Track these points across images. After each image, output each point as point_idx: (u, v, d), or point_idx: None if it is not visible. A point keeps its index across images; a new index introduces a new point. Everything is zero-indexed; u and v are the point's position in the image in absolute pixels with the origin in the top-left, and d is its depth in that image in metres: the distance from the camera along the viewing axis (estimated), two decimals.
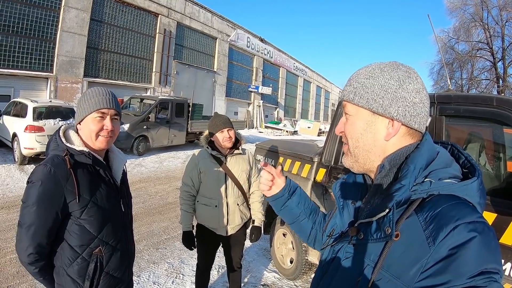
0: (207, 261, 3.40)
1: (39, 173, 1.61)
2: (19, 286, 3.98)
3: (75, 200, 1.64)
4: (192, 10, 25.86)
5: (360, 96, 1.00)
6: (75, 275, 1.71)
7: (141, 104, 15.21)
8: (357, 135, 1.03)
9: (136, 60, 21.86)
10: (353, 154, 1.06)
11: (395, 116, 0.97)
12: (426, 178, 0.91)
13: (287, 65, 41.70)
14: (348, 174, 1.21)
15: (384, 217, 0.91)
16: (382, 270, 0.88)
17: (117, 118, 1.85)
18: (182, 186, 3.25)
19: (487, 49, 26.46)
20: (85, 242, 1.72)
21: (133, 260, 2.11)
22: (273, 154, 4.89)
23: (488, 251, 0.77)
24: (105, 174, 1.83)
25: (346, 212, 1.13)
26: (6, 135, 10.95)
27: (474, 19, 26.39)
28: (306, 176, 4.03)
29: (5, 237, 5.24)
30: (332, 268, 1.09)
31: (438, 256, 0.78)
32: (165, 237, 5.72)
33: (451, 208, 0.83)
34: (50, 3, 16.41)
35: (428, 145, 0.98)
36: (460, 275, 0.74)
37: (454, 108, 2.66)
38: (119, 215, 1.90)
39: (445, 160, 0.97)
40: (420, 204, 0.89)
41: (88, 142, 1.78)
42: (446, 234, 0.78)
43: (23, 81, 15.93)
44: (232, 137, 3.11)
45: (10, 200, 7.21)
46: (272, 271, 4.68)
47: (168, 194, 8.50)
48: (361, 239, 0.97)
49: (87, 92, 1.80)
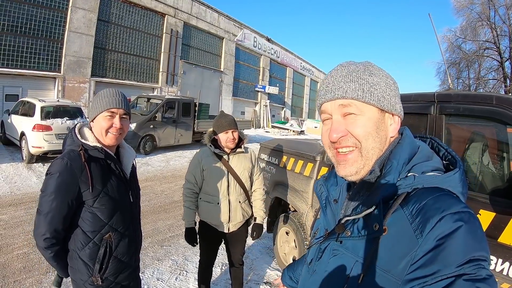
0: (209, 258, 3.42)
1: (57, 165, 1.80)
2: (26, 281, 4.04)
3: (88, 190, 1.83)
4: (199, 10, 25.94)
5: (370, 93, 0.96)
6: (87, 258, 1.89)
7: (148, 103, 15.26)
8: (374, 134, 0.97)
9: (143, 60, 22.00)
10: (367, 156, 0.98)
11: (399, 112, 1.01)
12: (409, 173, 0.92)
13: (294, 64, 41.67)
14: (329, 172, 1.21)
15: (371, 213, 0.92)
16: (372, 265, 0.89)
17: (126, 117, 2.04)
18: (185, 183, 3.28)
19: (494, 48, 26.12)
20: (97, 228, 1.90)
21: (140, 247, 2.29)
22: (277, 153, 4.90)
23: (475, 239, 0.77)
24: (116, 167, 2.02)
25: (329, 210, 1.13)
26: (14, 134, 11.07)
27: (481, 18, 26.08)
28: (309, 175, 4.03)
29: (12, 234, 5.32)
30: (319, 266, 1.08)
31: (426, 248, 0.78)
32: (169, 235, 5.76)
33: (436, 200, 0.84)
34: (58, 4, 16.61)
35: (409, 140, 1.00)
36: (448, 264, 0.75)
37: (454, 106, 2.64)
38: (128, 205, 2.09)
39: (426, 153, 0.98)
40: (405, 199, 0.89)
41: (99, 138, 1.95)
42: (433, 226, 0.79)
43: (31, 81, 16.13)
44: (236, 138, 3.12)
45: (18, 197, 7.29)
46: (275, 269, 4.68)
47: (174, 192, 8.54)
48: (348, 236, 0.98)
49: (100, 93, 1.98)
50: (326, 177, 1.21)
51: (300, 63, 43.68)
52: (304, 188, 4.05)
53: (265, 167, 5.03)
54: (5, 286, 3.92)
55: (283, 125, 32.86)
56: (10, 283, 3.97)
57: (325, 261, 1.05)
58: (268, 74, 36.05)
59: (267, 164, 5.04)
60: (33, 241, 5.01)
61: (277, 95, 36.68)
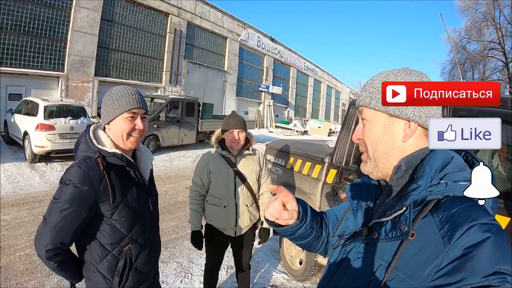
0: (215, 261, 3.38)
1: (73, 173, 1.63)
2: (28, 283, 4.00)
3: (108, 201, 1.68)
4: (203, 9, 25.95)
5: (377, 100, 1.03)
6: (105, 271, 1.75)
7: (151, 103, 15.23)
8: (376, 139, 1.05)
9: (147, 60, 22.02)
10: (373, 158, 1.07)
11: (412, 117, 1.00)
12: (441, 180, 0.93)
13: (297, 64, 41.65)
14: (363, 177, 1.21)
15: (400, 215, 0.91)
16: (396, 269, 0.88)
17: (145, 117, 1.87)
18: (192, 185, 3.24)
19: (499, 49, 26.07)
20: (116, 241, 1.76)
21: (159, 255, 2.15)
22: (284, 154, 4.84)
23: (502, 252, 0.77)
24: (135, 174, 1.85)
25: (359, 213, 1.12)
26: (17, 133, 11.11)
27: (486, 19, 26.03)
28: (317, 177, 3.96)
29: (15, 235, 5.28)
30: (342, 268, 1.08)
31: (453, 255, 0.78)
32: (174, 236, 5.71)
33: (467, 209, 0.84)
34: (61, 3, 16.63)
35: (443, 149, 0.98)
36: (474, 274, 0.74)
37: (467, 108, 2.61)
38: (147, 214, 1.94)
39: (459, 164, 0.98)
40: (435, 205, 0.90)
41: (118, 143, 1.79)
42: (462, 234, 0.79)
43: (35, 80, 16.16)
44: (241, 139, 3.07)
45: (21, 197, 7.27)
46: (281, 272, 4.62)
47: (178, 193, 8.49)
48: (374, 238, 0.98)
49: (113, 91, 1.80)
50: (359, 182, 1.22)
51: (304, 63, 43.65)
52: (312, 190, 3.98)
53: (272, 168, 4.96)
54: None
55: (287, 125, 32.85)
56: (13, 286, 3.94)
57: (349, 263, 1.06)
58: (271, 74, 36.03)
59: (273, 166, 4.97)
60: None
61: (281, 95, 36.65)
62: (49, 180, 8.73)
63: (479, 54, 27.28)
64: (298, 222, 1.19)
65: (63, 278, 4.05)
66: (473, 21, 27.09)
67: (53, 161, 10.46)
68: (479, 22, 26.60)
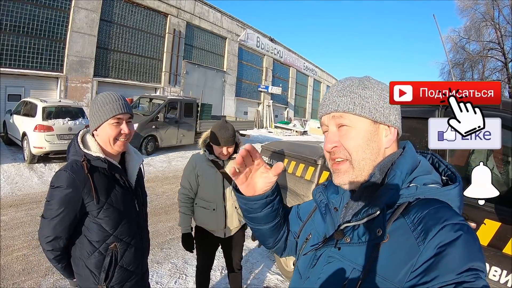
0: (206, 263, 3.40)
1: (59, 178, 1.79)
2: (25, 283, 4.05)
3: (92, 202, 1.81)
4: (202, 10, 25.93)
5: (362, 106, 1.01)
6: (93, 266, 1.88)
7: (150, 103, 15.25)
8: (364, 146, 1.01)
9: (146, 60, 22.00)
10: (358, 167, 1.02)
11: (394, 123, 1.04)
12: (411, 183, 0.95)
13: (297, 65, 41.60)
14: (329, 180, 1.19)
15: (373, 219, 0.93)
16: (371, 272, 0.89)
17: (131, 121, 1.99)
18: (180, 188, 3.27)
19: (498, 49, 25.99)
20: (102, 238, 1.89)
21: (147, 255, 2.26)
22: (278, 155, 4.86)
23: (474, 249, 0.80)
24: (120, 177, 1.97)
25: (328, 217, 1.12)
26: (16, 134, 11.13)
27: (485, 19, 25.96)
28: (310, 179, 3.99)
29: (12, 235, 5.31)
30: (313, 273, 1.07)
31: (427, 255, 0.80)
32: (170, 237, 5.74)
33: (437, 210, 0.87)
34: (60, 4, 16.62)
35: (411, 153, 1.03)
36: (449, 271, 0.76)
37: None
38: (133, 214, 2.05)
39: (426, 168, 1.01)
40: (406, 208, 0.91)
41: (106, 147, 1.91)
42: (435, 234, 0.81)
43: (34, 81, 16.17)
44: (230, 153, 3.06)
45: (19, 198, 7.31)
46: (275, 273, 4.64)
47: (175, 194, 8.45)
48: (347, 242, 0.98)
49: (98, 99, 1.90)
50: (326, 185, 1.21)
51: (303, 63, 43.60)
52: (305, 192, 4.01)
53: None
54: None
55: (286, 125, 32.81)
56: (9, 286, 3.98)
57: (320, 268, 1.05)
58: (271, 74, 35.98)
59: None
60: (32, 243, 5.04)
61: (280, 95, 36.59)
62: (47, 181, 8.73)
63: (479, 54, 27.24)
64: (269, 192, 1.14)
65: (58, 279, 4.12)
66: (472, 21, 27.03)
67: (51, 162, 10.50)
68: (478, 22, 26.53)
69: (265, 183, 1.12)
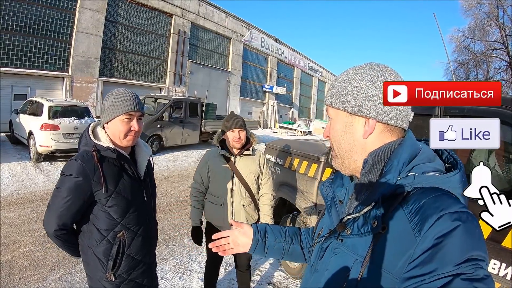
0: (215, 258, 3.40)
1: (70, 166, 1.84)
2: (31, 278, 4.09)
3: (101, 190, 1.86)
4: (206, 10, 26.01)
5: (337, 99, 1.05)
6: (101, 254, 1.94)
7: (155, 103, 15.30)
8: (339, 137, 1.08)
9: (151, 60, 22.12)
10: (339, 155, 1.10)
11: (369, 115, 1.01)
12: (409, 172, 0.94)
13: (301, 65, 41.59)
14: (335, 174, 1.24)
15: (370, 211, 0.94)
16: (370, 263, 0.90)
17: (141, 118, 2.06)
18: (192, 183, 3.30)
19: (503, 48, 25.82)
20: (110, 227, 1.94)
21: (155, 245, 2.33)
22: (282, 153, 4.88)
23: (473, 239, 0.78)
24: (129, 167, 2.02)
25: (334, 210, 1.15)
26: (22, 133, 11.21)
27: (490, 18, 25.82)
28: (313, 176, 4.00)
29: (19, 231, 5.37)
30: (321, 265, 1.10)
31: (424, 246, 0.79)
32: (174, 234, 5.77)
33: (435, 199, 0.85)
34: (66, 5, 16.78)
35: (411, 141, 1.01)
36: (446, 263, 0.75)
37: (458, 108, 2.63)
38: (142, 204, 2.10)
39: (428, 155, 0.99)
40: (405, 198, 0.91)
41: (116, 141, 1.96)
42: (431, 224, 0.80)
43: (39, 81, 16.32)
44: (242, 138, 3.08)
45: (25, 196, 7.37)
46: (279, 270, 4.65)
47: (180, 192, 8.56)
48: (348, 234, 1.00)
49: (113, 94, 1.98)
50: (332, 179, 1.24)
51: (308, 63, 43.57)
52: (308, 189, 4.03)
53: (271, 167, 5.00)
54: (11, 283, 3.98)
55: (291, 125, 32.78)
56: (16, 280, 4.02)
57: (326, 260, 1.07)
58: (275, 74, 36.01)
59: (272, 165, 5.02)
60: (39, 239, 5.09)
61: (285, 95, 36.60)
62: (53, 179, 8.81)
63: (483, 54, 27.11)
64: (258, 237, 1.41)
65: (64, 273, 4.17)
66: (476, 21, 26.89)
67: (57, 161, 10.56)
68: (483, 22, 26.40)
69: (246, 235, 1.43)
